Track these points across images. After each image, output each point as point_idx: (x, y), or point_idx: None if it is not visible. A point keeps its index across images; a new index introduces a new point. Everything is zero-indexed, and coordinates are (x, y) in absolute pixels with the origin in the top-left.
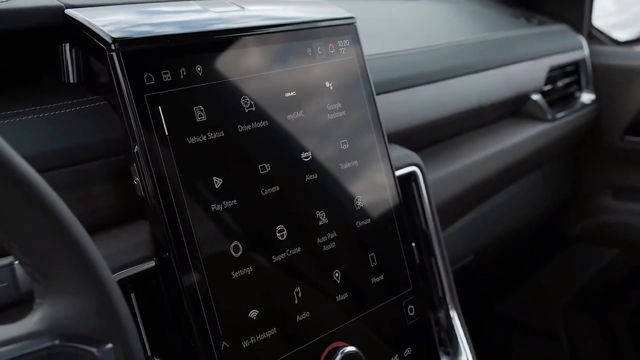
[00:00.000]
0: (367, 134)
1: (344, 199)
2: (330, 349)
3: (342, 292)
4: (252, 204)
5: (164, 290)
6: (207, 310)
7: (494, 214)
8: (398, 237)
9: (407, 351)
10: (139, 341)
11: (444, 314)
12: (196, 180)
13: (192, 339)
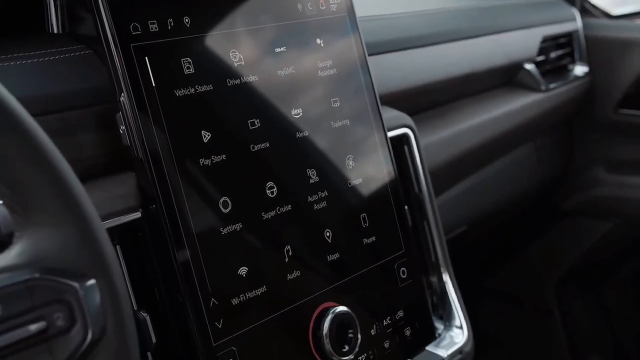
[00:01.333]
0: (358, 93)
1: (334, 158)
2: (321, 309)
3: (333, 252)
4: (242, 159)
5: (151, 244)
6: (195, 265)
7: (487, 184)
8: (390, 198)
9: (400, 314)
10: (123, 277)
11: (436, 278)
12: (184, 133)
13: (180, 295)
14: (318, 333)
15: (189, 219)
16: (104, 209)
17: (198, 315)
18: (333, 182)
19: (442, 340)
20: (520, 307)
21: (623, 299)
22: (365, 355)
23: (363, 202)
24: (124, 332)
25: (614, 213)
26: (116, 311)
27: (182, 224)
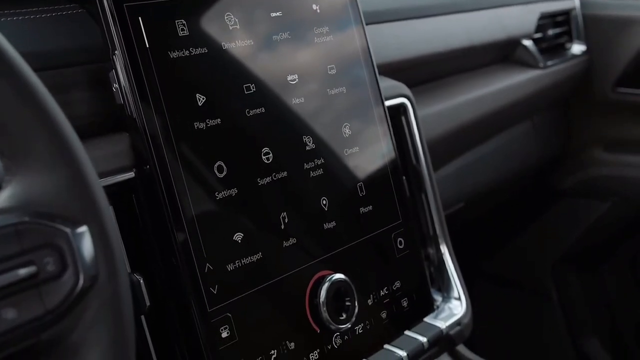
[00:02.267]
0: (355, 61)
1: (331, 125)
2: (317, 277)
3: (330, 220)
4: (237, 124)
5: (145, 206)
6: (189, 229)
7: (485, 161)
8: (387, 168)
9: (397, 284)
10: (115, 225)
11: (434, 249)
12: (178, 96)
13: (174, 258)
14: (315, 301)
15: (184, 181)
16: (97, 167)
17: (193, 280)
18: (329, 150)
19: (440, 312)
20: (518, 289)
21: (621, 280)
22: (362, 325)
23: (360, 171)
24: (116, 280)
25: (612, 192)
26: (108, 258)
27: (176, 186)
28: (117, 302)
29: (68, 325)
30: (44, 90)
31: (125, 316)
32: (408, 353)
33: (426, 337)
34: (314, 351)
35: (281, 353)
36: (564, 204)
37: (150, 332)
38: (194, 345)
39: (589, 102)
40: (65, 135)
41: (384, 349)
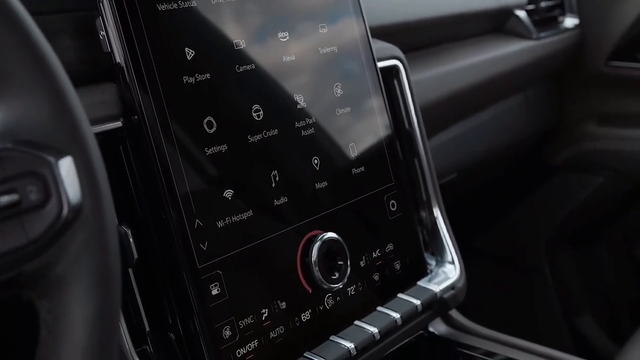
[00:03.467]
0: (346, 19)
1: (322, 84)
2: (309, 236)
3: (322, 180)
4: (227, 79)
5: (133, 158)
6: (178, 183)
7: (477, 132)
8: (379, 129)
9: (389, 247)
10: (100, 155)
11: (427, 213)
12: (166, 47)
13: (163, 212)
14: (306, 260)
15: (172, 134)
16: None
17: (182, 235)
18: (320, 109)
19: (434, 277)
20: (511, 266)
21: (615, 256)
22: (354, 287)
23: (351, 132)
24: (102, 212)
25: (605, 167)
26: (93, 190)
27: (164, 138)
28: (102, 235)
29: (52, 257)
30: (28, 17)
31: (111, 249)
32: (401, 315)
33: (419, 300)
34: (305, 311)
35: (272, 312)
36: (557, 179)
37: (138, 286)
38: (183, 301)
39: (581, 76)
40: (50, 63)
41: (377, 311)
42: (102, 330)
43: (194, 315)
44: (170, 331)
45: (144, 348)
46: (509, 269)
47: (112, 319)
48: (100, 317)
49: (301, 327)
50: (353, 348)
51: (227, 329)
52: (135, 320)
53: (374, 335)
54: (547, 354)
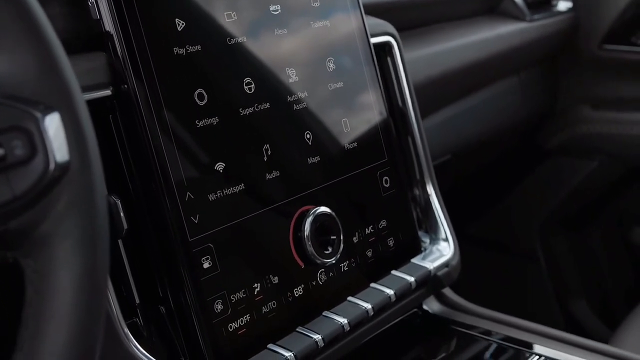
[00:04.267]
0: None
1: (315, 59)
2: (301, 211)
3: (314, 155)
4: (218, 51)
5: (123, 128)
6: (169, 154)
7: (471, 114)
8: (372, 105)
9: (382, 223)
10: (87, 112)
11: (420, 190)
12: (156, 17)
13: (154, 183)
14: (299, 234)
15: (162, 105)
16: None
17: (173, 208)
18: (313, 83)
19: (428, 254)
20: (504, 252)
21: (609, 241)
22: (347, 263)
23: (344, 107)
24: (89, 170)
25: (599, 150)
26: (81, 147)
27: (154, 109)
28: (90, 194)
29: (38, 214)
30: None
31: (99, 208)
32: (395, 291)
33: (413, 277)
34: (298, 286)
35: (264, 287)
36: (551, 164)
37: (128, 258)
38: (174, 275)
39: (575, 59)
40: (39, 20)
41: (370, 287)
42: (90, 290)
43: (185, 289)
44: (161, 304)
45: (133, 320)
46: (502, 255)
47: (100, 279)
48: (87, 277)
49: (294, 302)
50: (346, 323)
51: (219, 302)
52: (125, 293)
53: (367, 311)
54: (543, 332)
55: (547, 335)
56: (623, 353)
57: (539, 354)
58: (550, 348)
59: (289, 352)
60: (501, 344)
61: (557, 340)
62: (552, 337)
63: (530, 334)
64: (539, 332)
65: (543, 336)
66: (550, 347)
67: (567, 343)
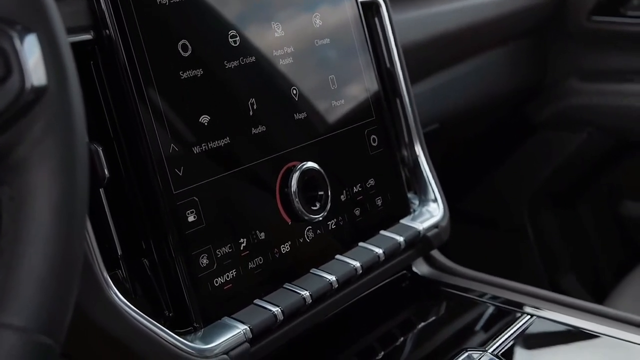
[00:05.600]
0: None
1: (301, 14)
2: (288, 166)
3: (301, 111)
4: (202, 3)
5: (105, 75)
6: (152, 105)
7: (460, 83)
8: (359, 64)
9: (370, 182)
10: (66, 34)
11: (409, 151)
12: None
13: (136, 133)
14: (286, 190)
15: (145, 52)
16: None
17: (157, 159)
18: (299, 39)
19: (417, 216)
20: (493, 227)
21: (599, 214)
22: (335, 221)
23: (331, 64)
24: (67, 91)
25: (588, 122)
26: (58, 68)
27: (137, 55)
28: (68, 117)
29: (13, 137)
30: None
31: (78, 132)
32: (384, 250)
33: (403, 237)
34: (285, 243)
35: (251, 242)
36: (539, 137)
37: (110, 208)
38: (158, 227)
39: (564, 31)
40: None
41: (359, 246)
42: (68, 219)
43: (169, 242)
44: (144, 257)
45: (115, 273)
46: (490, 230)
47: (79, 206)
48: (65, 205)
49: (281, 258)
50: (334, 281)
51: (204, 257)
52: (107, 244)
53: (356, 269)
54: (535, 293)
55: (538, 296)
56: (615, 312)
57: (530, 313)
58: (542, 308)
59: (276, 308)
60: (492, 304)
61: (549, 300)
62: (544, 297)
63: (521, 295)
64: (531, 294)
65: (535, 297)
66: (542, 308)
67: (558, 303)
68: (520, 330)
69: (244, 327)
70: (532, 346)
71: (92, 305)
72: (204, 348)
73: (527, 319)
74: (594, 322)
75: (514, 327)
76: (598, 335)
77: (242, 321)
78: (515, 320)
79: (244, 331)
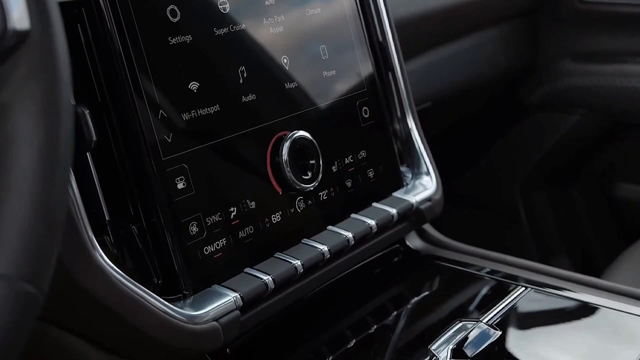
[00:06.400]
0: None
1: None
2: (279, 135)
3: (292, 81)
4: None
5: (92, 38)
6: (140, 69)
7: (452, 62)
8: (351, 35)
9: (362, 154)
10: None
11: (401, 125)
12: None
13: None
14: (277, 159)
15: (133, 16)
16: None
17: (146, 125)
18: (289, 7)
19: (410, 189)
20: (485, 210)
21: (591, 196)
22: (326, 192)
23: (322, 33)
24: (50, 35)
25: (580, 104)
26: (42, 12)
27: (124, 19)
28: (51, 61)
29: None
30: None
31: (62, 76)
32: (377, 222)
33: (395, 209)
34: (276, 213)
35: (241, 211)
36: (532, 119)
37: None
38: (147, 194)
39: (556, 12)
40: None
41: (351, 217)
42: (52, 166)
43: (158, 209)
44: (133, 223)
45: (103, 238)
46: (483, 212)
47: (63, 154)
48: (49, 150)
49: (271, 228)
50: (327, 251)
51: (194, 225)
52: (94, 209)
53: (348, 239)
54: (530, 266)
55: (534, 269)
56: (611, 284)
57: (526, 285)
58: (538, 281)
59: (267, 276)
60: (487, 277)
61: (544, 273)
62: (539, 270)
63: (517, 269)
64: (527, 267)
65: (530, 270)
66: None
67: (552, 276)
68: (516, 302)
69: (234, 294)
70: (527, 317)
71: (79, 269)
72: (194, 314)
73: (521, 290)
74: (590, 294)
75: (508, 298)
76: (594, 306)
77: (232, 289)
78: (510, 292)
79: (234, 299)
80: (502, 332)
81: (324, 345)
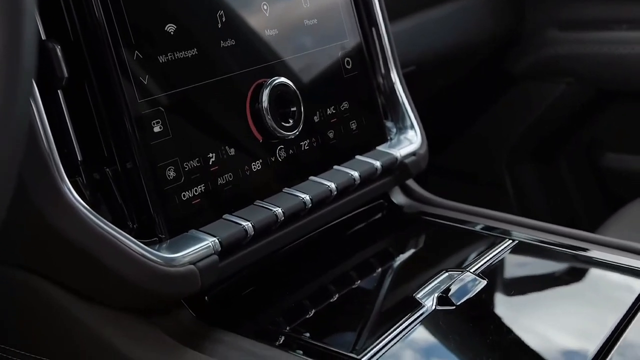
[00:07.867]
0: None
1: None
2: (259, 82)
3: (272, 28)
4: None
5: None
6: (114, 9)
7: (437, 26)
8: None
9: (345, 105)
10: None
11: (385, 80)
12: None
13: (97, 33)
14: (257, 106)
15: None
16: None
17: (120, 64)
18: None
19: (395, 144)
20: (471, 182)
21: (578, 167)
22: (308, 142)
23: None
24: None
25: (567, 72)
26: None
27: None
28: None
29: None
30: None
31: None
32: (360, 174)
33: (379, 162)
34: (256, 161)
35: (220, 157)
36: (518, 89)
37: (69, 111)
38: (122, 135)
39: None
40: None
41: (334, 169)
42: (11, 72)
43: (134, 151)
44: (107, 166)
45: (76, 180)
46: (468, 184)
47: (25, 60)
48: (9, 55)
49: (251, 176)
50: (308, 200)
51: (171, 169)
52: (66, 149)
53: (330, 190)
54: (517, 221)
55: (521, 224)
56: (600, 237)
57: (513, 238)
58: (526, 233)
59: (246, 222)
60: (473, 230)
61: (531, 227)
62: (527, 225)
63: (503, 223)
64: (514, 221)
65: (517, 224)
66: (526, 232)
67: (540, 230)
68: (503, 253)
69: (212, 239)
70: (514, 267)
71: (52, 210)
72: (170, 257)
73: (509, 242)
74: (578, 245)
75: (496, 249)
76: (582, 256)
77: (211, 234)
78: (497, 244)
79: (212, 243)
80: (489, 281)
81: (306, 298)
